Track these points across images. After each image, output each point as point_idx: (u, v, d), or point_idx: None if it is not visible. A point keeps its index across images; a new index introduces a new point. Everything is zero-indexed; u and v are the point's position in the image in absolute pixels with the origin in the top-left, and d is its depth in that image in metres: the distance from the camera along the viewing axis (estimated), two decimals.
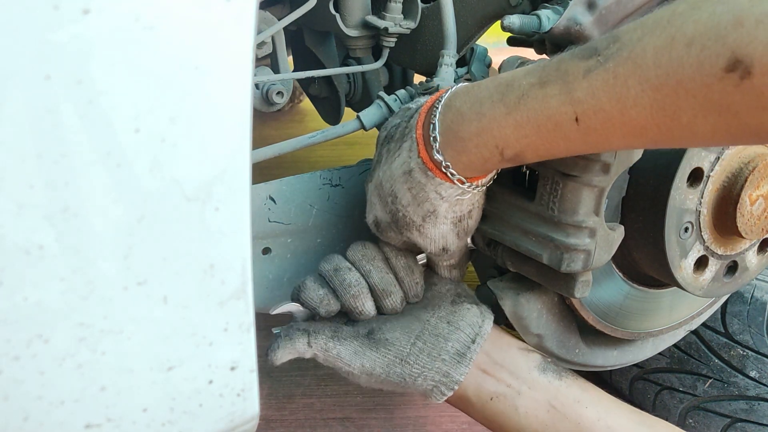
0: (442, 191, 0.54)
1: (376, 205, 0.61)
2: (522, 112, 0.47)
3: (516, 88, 0.48)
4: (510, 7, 0.75)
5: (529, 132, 0.47)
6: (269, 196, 0.71)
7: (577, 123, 0.45)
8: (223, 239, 0.42)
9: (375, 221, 0.62)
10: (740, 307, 0.96)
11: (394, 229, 0.60)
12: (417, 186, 0.55)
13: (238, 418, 0.48)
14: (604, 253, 0.59)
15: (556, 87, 0.45)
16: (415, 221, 0.57)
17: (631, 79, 0.41)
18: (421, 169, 0.54)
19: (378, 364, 0.59)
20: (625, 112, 0.42)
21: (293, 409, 1.17)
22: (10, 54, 0.32)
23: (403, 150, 0.56)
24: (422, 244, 0.60)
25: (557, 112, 0.45)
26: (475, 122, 0.50)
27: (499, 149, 0.50)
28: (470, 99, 0.51)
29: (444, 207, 0.56)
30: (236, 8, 0.38)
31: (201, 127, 0.39)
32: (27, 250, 0.35)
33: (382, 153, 0.60)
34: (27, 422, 0.39)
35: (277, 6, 0.92)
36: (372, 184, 0.61)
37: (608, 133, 0.44)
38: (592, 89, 0.43)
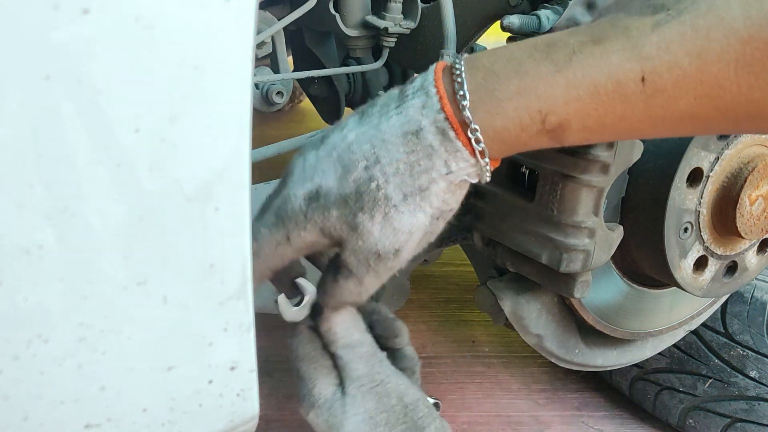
0: (453, 163, 0.45)
1: (327, 173, 0.46)
2: (575, 69, 0.41)
3: (562, 47, 0.42)
4: (509, 7, 0.75)
5: (582, 93, 0.41)
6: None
7: (643, 83, 0.40)
8: (223, 239, 0.42)
9: (313, 194, 0.47)
10: (740, 307, 0.96)
11: (350, 206, 0.46)
12: (423, 150, 0.44)
13: (238, 418, 0.48)
14: (603, 253, 0.59)
15: (618, 42, 0.40)
16: (391, 198, 0.45)
17: (714, 32, 0.38)
18: (438, 129, 0.44)
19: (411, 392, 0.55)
20: (705, 68, 0.38)
21: (293, 409, 1.17)
22: (10, 54, 0.32)
23: (408, 108, 0.45)
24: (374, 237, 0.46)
25: (619, 70, 0.40)
26: (515, 80, 0.43)
27: (542, 115, 0.43)
28: (502, 58, 0.44)
29: (440, 187, 0.45)
30: (236, 8, 0.38)
31: (201, 127, 0.39)
32: (27, 250, 0.35)
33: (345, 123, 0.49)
34: (27, 422, 0.39)
35: (277, 6, 0.92)
36: (322, 150, 0.48)
37: (679, 94, 0.40)
38: (664, 43, 0.39)
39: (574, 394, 1.25)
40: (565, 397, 1.24)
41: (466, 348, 1.37)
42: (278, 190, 0.50)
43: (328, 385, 0.55)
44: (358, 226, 0.46)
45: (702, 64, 0.38)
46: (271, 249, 0.49)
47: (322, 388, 0.54)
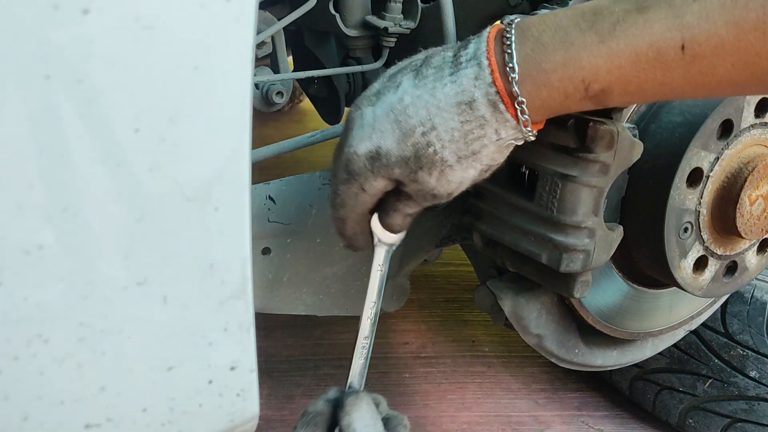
0: (503, 131, 0.48)
1: (385, 134, 0.50)
2: (619, 39, 0.43)
3: (608, 16, 0.44)
4: (509, 7, 0.75)
5: (624, 62, 0.44)
6: (269, 196, 0.71)
7: (683, 51, 0.42)
8: (222, 239, 0.42)
9: (374, 153, 0.51)
10: (740, 307, 0.96)
11: (409, 166, 0.50)
12: (476, 120, 0.47)
13: (238, 418, 0.48)
14: (603, 253, 0.59)
15: (661, 12, 0.42)
16: (447, 160, 0.49)
17: (752, 2, 0.39)
18: (490, 102, 0.47)
19: None
20: (742, 36, 0.40)
21: (293, 409, 1.17)
22: (10, 54, 0.32)
23: (462, 77, 0.48)
24: (431, 186, 0.51)
25: (661, 38, 0.42)
26: (561, 51, 0.45)
27: (586, 83, 0.45)
28: (551, 27, 0.46)
29: (490, 150, 0.49)
30: (236, 8, 0.38)
31: (201, 127, 0.39)
32: (27, 250, 0.35)
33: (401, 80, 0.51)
34: (27, 422, 0.39)
35: (277, 6, 0.92)
36: (379, 108, 0.51)
37: (716, 61, 0.42)
38: (705, 12, 0.41)
39: (574, 394, 1.25)
40: (565, 397, 1.24)
41: (466, 348, 1.37)
42: (341, 144, 0.53)
43: None
44: (418, 179, 0.51)
45: (740, 33, 0.40)
46: (353, 199, 0.54)
47: None
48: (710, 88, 0.45)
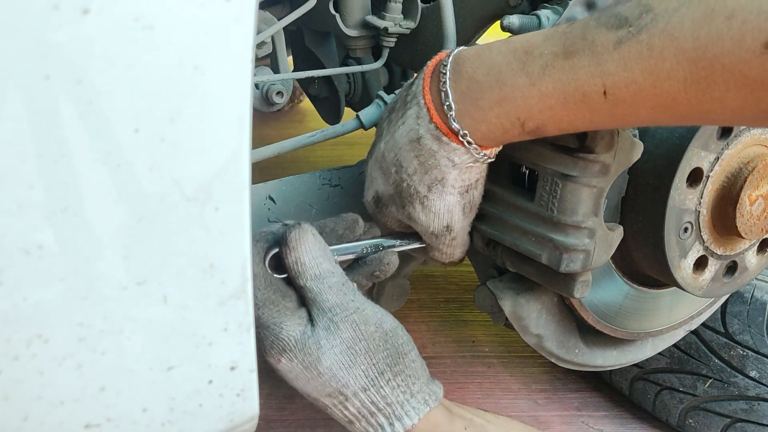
0: (455, 157, 0.52)
1: (377, 180, 0.58)
2: (547, 83, 0.45)
3: (538, 58, 0.46)
4: (509, 7, 0.75)
5: (554, 103, 0.46)
6: (269, 196, 0.71)
7: (605, 96, 0.44)
8: (223, 239, 0.42)
9: (375, 197, 0.60)
10: (740, 307, 0.97)
11: (397, 202, 0.57)
12: (427, 153, 0.52)
13: (238, 418, 0.48)
14: (603, 253, 0.59)
15: (585, 58, 0.44)
16: (420, 191, 0.54)
17: (666, 52, 0.40)
18: (433, 136, 0.51)
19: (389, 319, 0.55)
20: (658, 84, 0.41)
21: (293, 409, 1.17)
22: (10, 54, 0.32)
23: (408, 117, 0.53)
24: (425, 222, 0.57)
25: (585, 84, 0.44)
26: (495, 90, 0.48)
27: (521, 121, 0.48)
28: (485, 65, 0.49)
29: (453, 174, 0.53)
30: (236, 8, 0.38)
31: (201, 127, 0.39)
32: (27, 250, 0.35)
33: (382, 126, 0.57)
34: (27, 422, 0.39)
35: (277, 6, 0.92)
36: (372, 158, 0.59)
37: (637, 105, 0.44)
38: (624, 61, 0.42)
39: (574, 394, 1.25)
40: (565, 397, 1.24)
41: (466, 348, 1.37)
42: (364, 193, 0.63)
43: (296, 325, 0.53)
44: (410, 215, 0.57)
45: (655, 81, 0.42)
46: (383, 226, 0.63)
47: (290, 329, 0.52)
48: (636, 124, 0.49)
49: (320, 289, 0.53)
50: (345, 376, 0.52)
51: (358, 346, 0.52)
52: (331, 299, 0.53)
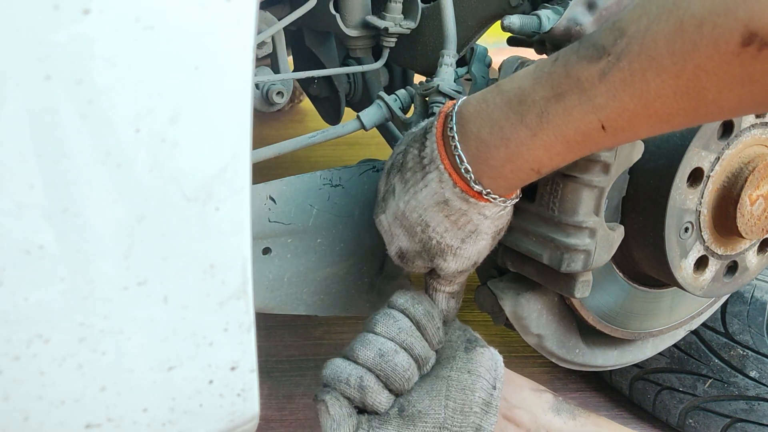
0: (486, 211, 0.53)
1: (399, 236, 0.59)
2: (547, 131, 0.46)
3: (532, 106, 0.47)
4: (510, 7, 0.75)
5: (560, 149, 0.47)
6: (269, 196, 0.71)
7: (605, 130, 0.44)
8: (223, 239, 0.42)
9: (399, 252, 0.60)
10: (740, 307, 0.96)
11: (424, 257, 0.58)
12: (457, 213, 0.53)
13: (238, 418, 0.48)
14: (604, 253, 0.59)
15: (574, 98, 0.44)
16: (452, 245, 0.56)
17: (648, 73, 0.40)
18: (460, 198, 0.52)
19: None
20: (649, 105, 0.41)
21: (293, 409, 1.17)
22: (10, 54, 0.32)
23: (430, 181, 0.53)
24: (452, 267, 0.58)
25: (582, 124, 0.45)
26: (502, 149, 0.49)
27: (535, 170, 0.50)
28: (487, 123, 0.50)
29: (486, 224, 0.55)
30: (236, 8, 0.38)
31: (201, 127, 0.39)
32: (27, 250, 0.35)
33: (393, 183, 0.57)
34: (27, 422, 0.39)
35: (277, 6, 0.92)
36: (388, 216, 0.58)
37: (636, 128, 0.44)
38: (612, 92, 0.42)
39: (574, 394, 1.25)
40: (565, 397, 1.24)
41: None
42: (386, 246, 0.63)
43: None
44: (437, 265, 0.58)
45: (646, 103, 0.42)
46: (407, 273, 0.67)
47: None
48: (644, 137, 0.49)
49: None
50: None
51: None
52: None
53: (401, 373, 0.56)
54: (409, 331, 0.58)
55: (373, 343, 0.57)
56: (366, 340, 0.57)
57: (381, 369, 0.56)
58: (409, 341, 0.58)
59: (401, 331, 0.58)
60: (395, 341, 0.57)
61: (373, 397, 0.56)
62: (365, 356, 0.56)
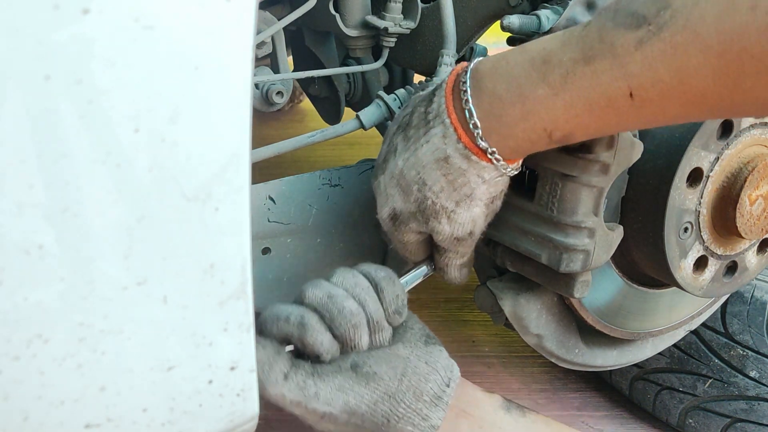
0: (485, 174, 0.52)
1: (394, 197, 0.57)
2: (571, 91, 0.45)
3: (557, 66, 0.45)
4: (509, 7, 0.75)
5: (579, 111, 0.45)
6: (269, 196, 0.71)
7: (632, 98, 0.43)
8: (223, 239, 0.42)
9: (392, 214, 0.58)
10: (740, 307, 0.97)
11: (419, 219, 0.57)
12: (456, 171, 0.52)
13: (238, 418, 0.48)
14: (603, 253, 0.59)
15: (606, 62, 0.43)
16: (446, 207, 0.54)
17: (691, 48, 0.39)
18: (462, 155, 0.51)
19: (365, 400, 0.52)
20: (686, 81, 0.41)
21: None
22: (10, 54, 0.32)
23: (433, 136, 0.52)
24: (447, 232, 0.56)
25: (609, 88, 0.43)
26: (518, 105, 0.47)
27: (548, 132, 0.48)
28: (504, 79, 0.48)
29: (482, 189, 0.53)
30: (236, 8, 0.38)
31: (201, 127, 0.39)
32: (27, 250, 0.35)
33: (396, 142, 0.56)
34: (27, 422, 0.39)
35: (277, 6, 0.92)
36: (386, 176, 0.57)
37: (665, 104, 0.43)
38: (647, 61, 0.41)
39: (574, 394, 1.25)
40: (565, 397, 1.24)
41: (466, 348, 1.37)
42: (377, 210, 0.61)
43: None
44: (433, 229, 0.57)
45: (683, 78, 0.41)
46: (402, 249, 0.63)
47: None
48: (665, 123, 0.48)
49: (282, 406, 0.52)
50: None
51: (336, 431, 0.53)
52: (296, 411, 0.52)
53: (348, 317, 0.52)
54: (365, 289, 0.55)
55: (323, 286, 0.54)
56: (316, 283, 0.54)
57: (327, 309, 0.53)
58: (363, 296, 0.54)
59: (357, 285, 0.55)
60: (348, 292, 0.54)
61: (314, 336, 0.52)
62: (312, 295, 0.53)
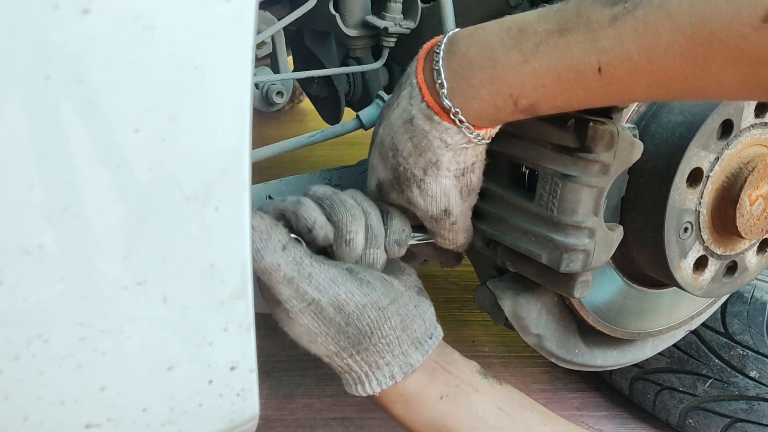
0: (448, 138, 0.51)
1: (377, 167, 0.57)
2: (541, 60, 0.45)
3: (532, 35, 0.46)
4: (509, 7, 0.75)
5: (547, 81, 0.46)
6: (269, 196, 0.71)
7: (600, 73, 0.43)
8: (223, 239, 0.42)
9: (378, 184, 0.58)
10: (740, 307, 0.97)
11: (396, 187, 0.56)
12: (420, 134, 0.52)
13: (238, 418, 0.48)
14: (603, 253, 0.59)
15: (579, 35, 0.43)
16: (416, 174, 0.53)
17: (662, 28, 0.40)
18: (424, 115, 0.51)
19: (356, 299, 0.51)
20: (654, 61, 0.41)
21: (293, 409, 1.17)
22: (10, 54, 0.32)
23: (401, 99, 0.53)
24: (423, 207, 0.56)
25: (580, 61, 0.44)
26: (488, 68, 0.48)
27: (514, 98, 0.48)
28: (477, 43, 0.49)
29: (447, 157, 0.52)
30: (236, 8, 0.38)
31: (201, 126, 0.39)
32: (27, 250, 0.35)
33: (382, 114, 0.57)
34: (27, 422, 0.39)
35: (277, 6, 0.92)
36: (373, 146, 0.58)
37: (632, 82, 0.43)
38: (619, 38, 0.42)
39: (574, 394, 1.25)
40: (565, 397, 1.24)
41: (466, 348, 1.37)
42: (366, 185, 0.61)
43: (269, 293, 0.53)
44: (408, 199, 0.56)
45: (651, 57, 0.41)
46: None
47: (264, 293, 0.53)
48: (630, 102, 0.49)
49: (270, 283, 0.51)
50: (307, 346, 0.54)
51: (317, 330, 0.52)
52: (283, 292, 0.50)
53: (348, 208, 0.54)
54: (373, 207, 0.56)
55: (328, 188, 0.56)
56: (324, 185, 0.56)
57: (328, 199, 0.54)
58: (369, 209, 0.56)
59: (366, 201, 0.56)
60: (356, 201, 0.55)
61: (308, 211, 0.52)
62: (316, 189, 0.55)
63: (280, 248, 0.50)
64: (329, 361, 0.55)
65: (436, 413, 0.56)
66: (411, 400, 0.56)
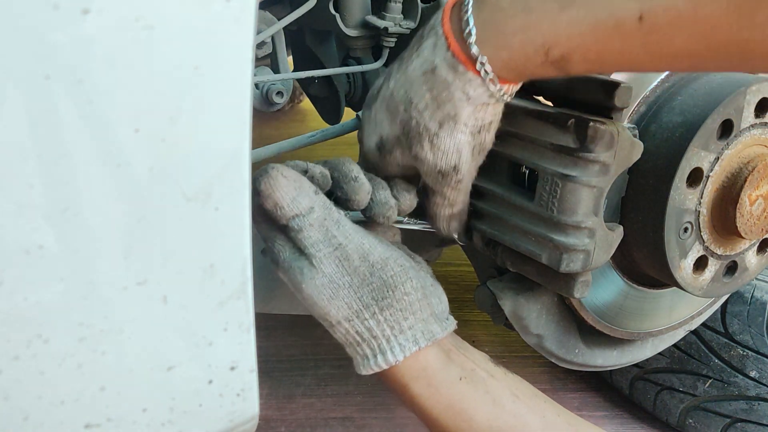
0: (470, 90, 0.49)
1: (382, 122, 0.55)
2: (579, 8, 0.44)
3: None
4: None
5: (584, 29, 0.44)
6: None
7: (641, 21, 0.42)
8: (223, 239, 0.42)
9: (379, 142, 0.56)
10: (740, 307, 0.97)
11: (403, 143, 0.54)
12: (441, 84, 0.50)
13: (238, 418, 0.48)
14: (603, 253, 0.59)
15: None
16: (430, 129, 0.52)
17: None
18: (449, 65, 0.49)
19: (378, 251, 0.53)
20: (699, 9, 0.40)
21: (293, 409, 1.17)
22: (10, 54, 0.32)
23: (423, 49, 0.51)
24: (430, 161, 0.54)
25: (620, 8, 0.42)
26: (521, 16, 0.46)
27: (545, 48, 0.46)
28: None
29: (467, 111, 0.51)
30: (236, 8, 0.38)
31: (201, 127, 0.39)
32: (27, 250, 0.35)
33: (392, 68, 0.55)
34: (27, 422, 0.39)
35: (277, 6, 0.92)
36: (378, 100, 0.56)
37: (673, 33, 0.42)
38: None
39: (574, 394, 1.25)
40: (565, 397, 1.24)
41: None
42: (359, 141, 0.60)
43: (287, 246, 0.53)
44: (416, 156, 0.54)
45: (696, 5, 0.40)
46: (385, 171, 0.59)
47: (281, 246, 0.53)
48: (668, 60, 0.47)
49: (300, 227, 0.51)
50: (326, 305, 0.52)
51: (340, 281, 0.52)
52: (312, 236, 0.51)
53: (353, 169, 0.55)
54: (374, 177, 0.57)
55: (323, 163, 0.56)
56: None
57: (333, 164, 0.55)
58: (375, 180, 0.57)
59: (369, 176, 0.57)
60: None
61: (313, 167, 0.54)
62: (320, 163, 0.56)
63: (313, 192, 0.52)
64: (348, 326, 0.53)
65: (456, 394, 0.54)
66: (433, 376, 0.54)
